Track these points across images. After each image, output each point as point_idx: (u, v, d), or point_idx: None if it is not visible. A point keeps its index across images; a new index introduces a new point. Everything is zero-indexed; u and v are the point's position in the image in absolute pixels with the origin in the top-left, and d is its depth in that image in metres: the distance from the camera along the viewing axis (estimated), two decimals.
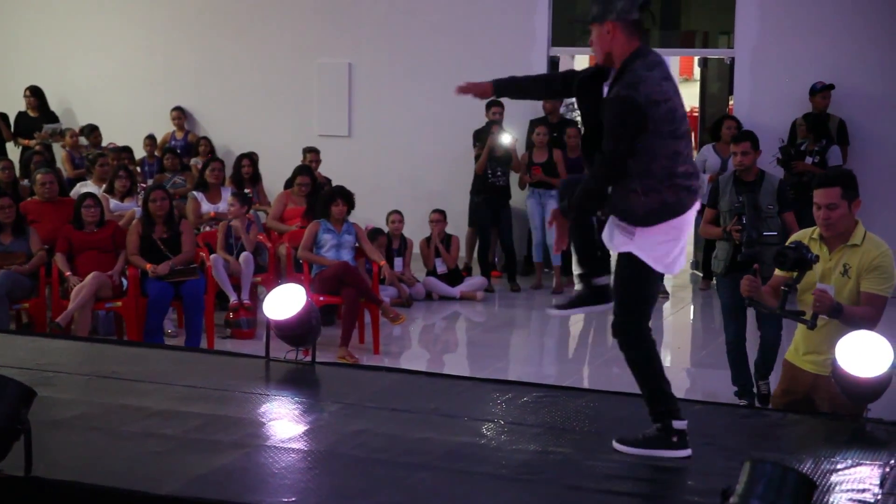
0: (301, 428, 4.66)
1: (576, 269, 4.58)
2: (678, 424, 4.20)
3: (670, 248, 4.19)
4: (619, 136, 4.07)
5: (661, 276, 4.29)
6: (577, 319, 10.84)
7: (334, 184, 10.24)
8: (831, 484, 3.97)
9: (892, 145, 10.87)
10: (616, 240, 4.26)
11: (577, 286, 4.57)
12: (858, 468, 4.11)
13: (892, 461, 4.16)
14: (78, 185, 10.60)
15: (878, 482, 3.98)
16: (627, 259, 4.22)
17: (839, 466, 4.13)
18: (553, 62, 12.26)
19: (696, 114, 21.22)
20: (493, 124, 11.17)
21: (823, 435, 4.46)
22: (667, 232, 4.16)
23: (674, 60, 20.09)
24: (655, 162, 4.08)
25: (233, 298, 9.18)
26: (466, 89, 4.49)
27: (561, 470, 4.18)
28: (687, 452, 4.20)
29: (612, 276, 4.41)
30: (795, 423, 4.66)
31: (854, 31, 10.83)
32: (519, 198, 11.46)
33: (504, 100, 11.50)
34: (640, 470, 4.14)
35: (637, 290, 4.24)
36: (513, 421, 4.78)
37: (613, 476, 4.09)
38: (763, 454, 4.14)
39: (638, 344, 4.25)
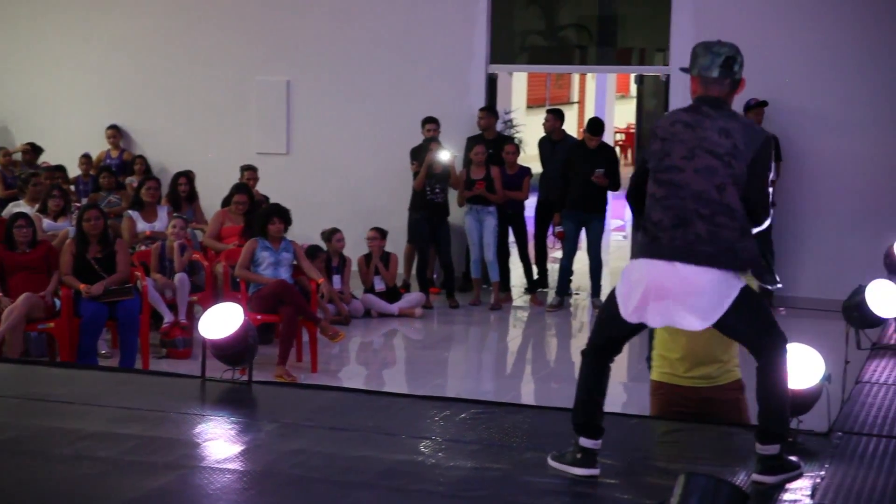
0: (237, 448, 4.63)
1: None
2: (585, 442, 4.22)
3: (629, 290, 4.12)
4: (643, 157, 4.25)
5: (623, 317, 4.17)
6: (514, 335, 10.90)
7: (272, 201, 10.21)
8: (763, 495, 4.02)
9: (824, 161, 11.07)
10: None
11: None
12: (790, 479, 4.17)
13: (823, 472, 4.22)
14: (10, 204, 10.47)
15: (809, 493, 4.05)
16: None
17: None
18: (491, 79, 12.33)
19: (633, 130, 21.51)
20: (432, 141, 11.21)
21: (755, 447, 4.50)
22: (629, 272, 4.14)
23: (610, 77, 20.31)
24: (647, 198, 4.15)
25: (167, 319, 9.11)
26: None
27: (498, 487, 4.19)
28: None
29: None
30: (728, 436, 4.72)
31: (787, 49, 11.03)
32: (457, 214, 11.50)
33: (440, 116, 11.61)
34: (577, 485, 4.17)
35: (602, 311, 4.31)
36: (450, 438, 4.78)
37: (550, 492, 4.11)
38: (697, 467, 4.18)
39: (583, 358, 4.32)
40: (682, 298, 4.01)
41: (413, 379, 9.05)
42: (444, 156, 11.17)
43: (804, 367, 4.56)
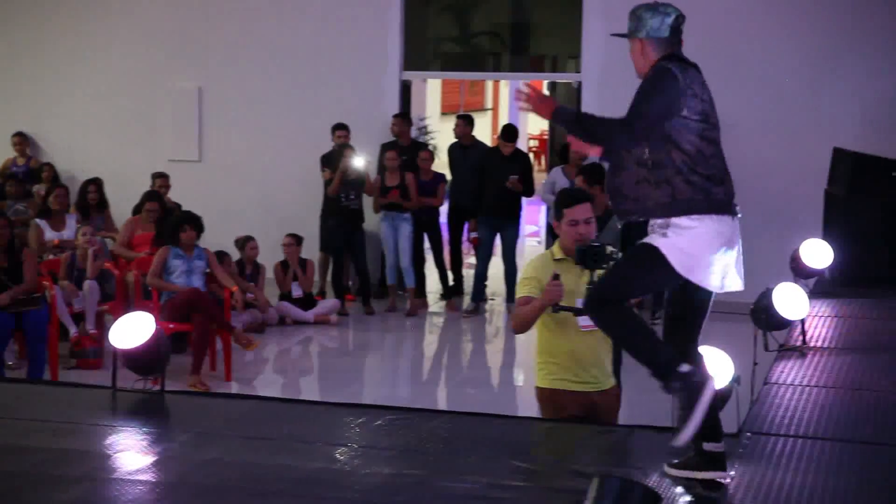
0: (150, 459, 4.57)
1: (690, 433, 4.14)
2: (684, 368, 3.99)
3: (696, 248, 3.97)
4: (647, 95, 4.03)
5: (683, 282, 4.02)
6: (430, 341, 10.92)
7: (184, 209, 10.11)
8: (675, 496, 4.08)
9: (732, 167, 11.23)
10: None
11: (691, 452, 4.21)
12: (702, 479, 4.24)
13: (733, 472, 4.30)
14: None
15: (719, 492, 4.12)
16: (646, 245, 4.02)
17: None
18: (405, 86, 12.35)
19: (546, 137, 21.68)
20: (345, 147, 11.19)
21: (667, 449, 4.57)
22: (690, 228, 3.98)
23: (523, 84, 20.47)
24: (675, 153, 3.98)
25: (73, 331, 8.97)
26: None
27: (415, 493, 4.20)
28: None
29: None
30: (641, 438, 4.78)
31: (696, 55, 11.19)
32: (372, 221, 11.49)
33: (354, 123, 11.59)
34: (493, 490, 4.19)
35: (631, 268, 4.08)
36: (367, 445, 4.78)
37: (468, 496, 4.12)
38: (610, 470, 4.23)
39: (619, 317, 4.05)
40: (738, 257, 4.11)
41: (329, 386, 9.02)
42: (359, 162, 11.15)
43: (713, 369, 4.65)
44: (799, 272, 7.16)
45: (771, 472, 4.33)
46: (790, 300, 6.04)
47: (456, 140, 11.92)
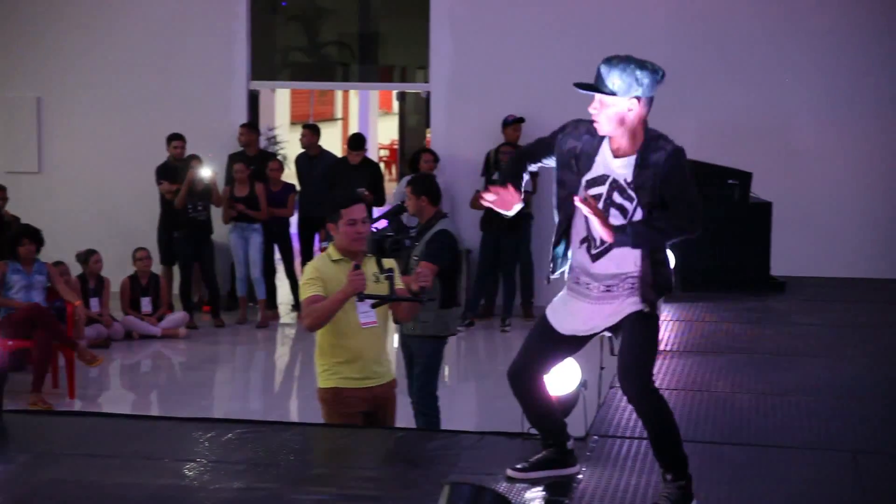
0: None
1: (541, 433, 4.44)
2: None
3: None
4: (691, 183, 3.98)
5: None
6: (282, 353, 10.83)
7: (23, 222, 9.79)
8: (525, 500, 4.14)
9: None
10: (624, 305, 4.10)
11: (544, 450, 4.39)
12: (549, 483, 4.31)
13: (581, 475, 4.39)
14: None
15: (567, 495, 4.19)
16: (642, 317, 4.08)
17: (532, 482, 4.31)
18: (253, 96, 12.23)
19: (396, 146, 21.74)
20: (193, 158, 11.01)
21: (517, 454, 4.63)
22: None
23: (373, 94, 20.47)
24: None
25: None
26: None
27: None
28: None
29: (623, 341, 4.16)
30: (490, 444, 4.83)
31: (541, 67, 11.41)
32: (221, 232, 11.33)
33: (201, 133, 11.42)
34: (344, 500, 4.18)
35: (655, 345, 4.16)
36: (216, 459, 4.71)
37: None
38: (462, 476, 4.26)
39: (657, 399, 4.12)
40: None
41: (178, 401, 8.83)
42: (206, 172, 10.99)
43: (562, 374, 4.74)
44: None
45: (617, 474, 4.44)
46: None
47: (303, 150, 11.85)
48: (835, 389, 5.77)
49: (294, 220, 11.75)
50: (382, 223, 7.01)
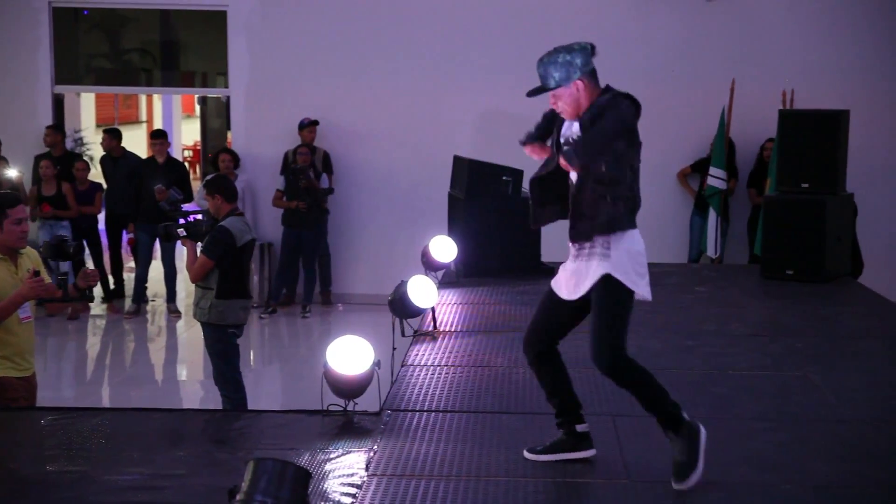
0: None
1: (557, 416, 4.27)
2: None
3: (642, 264, 4.01)
4: (621, 118, 3.90)
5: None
6: (93, 343, 10.45)
7: None
8: (325, 472, 4.15)
9: (370, 172, 11.49)
10: (591, 269, 3.98)
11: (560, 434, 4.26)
12: (347, 456, 4.33)
13: (376, 446, 4.43)
14: None
15: (364, 466, 4.23)
16: (605, 284, 3.95)
17: (332, 456, 4.32)
18: (58, 99, 11.75)
19: (199, 147, 21.28)
20: (0, 160, 10.49)
21: (318, 430, 4.64)
22: (634, 243, 3.99)
23: (176, 98, 19.98)
24: (629, 172, 3.97)
25: None
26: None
27: (79, 487, 4.02)
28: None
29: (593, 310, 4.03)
30: (295, 421, 4.81)
31: (333, 72, 11.37)
32: (30, 229, 10.81)
33: (9, 136, 10.89)
34: (155, 479, 4.08)
35: (622, 313, 3.99)
36: (27, 445, 4.51)
37: (131, 488, 4.00)
38: (266, 452, 4.23)
39: (631, 370, 4.00)
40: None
41: None
42: (12, 172, 10.50)
43: (356, 355, 4.76)
44: (429, 265, 7.44)
45: (409, 444, 4.49)
46: (422, 290, 6.27)
47: (106, 153, 11.52)
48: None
49: (102, 217, 11.37)
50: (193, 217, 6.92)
